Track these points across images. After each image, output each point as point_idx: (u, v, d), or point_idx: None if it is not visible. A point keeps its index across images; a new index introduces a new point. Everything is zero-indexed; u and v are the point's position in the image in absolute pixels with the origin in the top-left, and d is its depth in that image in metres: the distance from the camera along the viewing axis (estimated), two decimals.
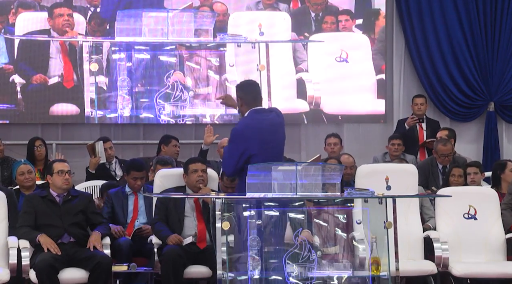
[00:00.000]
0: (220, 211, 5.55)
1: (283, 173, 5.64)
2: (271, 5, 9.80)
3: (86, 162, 8.24)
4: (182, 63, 9.28)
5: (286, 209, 5.91)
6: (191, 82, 9.36)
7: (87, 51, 9.00)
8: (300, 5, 9.88)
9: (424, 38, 10.06)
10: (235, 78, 9.19)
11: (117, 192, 7.08)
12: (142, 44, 8.95)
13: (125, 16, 8.24)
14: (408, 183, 6.77)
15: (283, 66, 9.65)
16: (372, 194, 5.66)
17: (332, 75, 9.84)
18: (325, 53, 9.84)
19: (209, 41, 8.79)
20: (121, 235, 6.71)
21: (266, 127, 6.07)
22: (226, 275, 5.47)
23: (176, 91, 9.01)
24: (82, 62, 9.26)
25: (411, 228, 6.73)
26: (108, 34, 9.13)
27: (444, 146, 8.19)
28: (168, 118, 9.06)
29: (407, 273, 6.41)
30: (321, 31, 9.88)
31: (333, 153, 8.54)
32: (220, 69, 9.43)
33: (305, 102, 9.79)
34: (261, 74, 8.94)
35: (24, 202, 6.46)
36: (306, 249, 5.80)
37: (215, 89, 9.41)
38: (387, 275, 5.65)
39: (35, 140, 8.52)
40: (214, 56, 9.34)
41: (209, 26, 8.43)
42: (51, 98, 9.40)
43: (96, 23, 9.43)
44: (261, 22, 9.21)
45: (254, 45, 8.85)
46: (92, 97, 9.02)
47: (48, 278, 6.00)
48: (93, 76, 8.87)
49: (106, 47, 9.12)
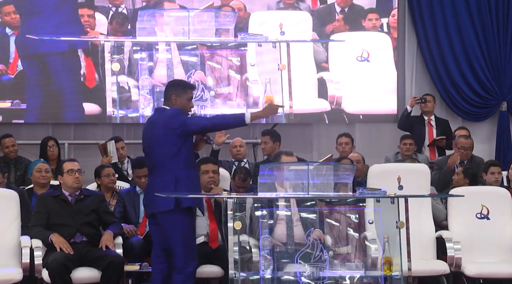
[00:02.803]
0: (232, 211, 5.55)
1: (295, 173, 5.64)
2: (291, 4, 9.82)
3: (98, 161, 8.25)
4: (203, 63, 9.29)
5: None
6: (212, 82, 9.37)
7: (108, 51, 9.03)
8: (320, 4, 9.89)
9: (436, 38, 10.04)
10: (256, 77, 9.22)
11: (129, 192, 7.10)
12: (163, 44, 8.95)
13: (146, 15, 8.26)
14: (420, 182, 6.75)
15: (304, 66, 9.67)
16: (384, 194, 5.64)
17: (353, 74, 9.85)
18: (346, 52, 9.86)
19: (230, 40, 8.80)
20: (133, 235, 6.73)
21: (146, 126, 5.98)
22: (238, 275, 5.47)
23: (197, 90, 9.03)
24: (104, 62, 9.28)
25: (423, 228, 6.71)
26: (130, 34, 9.16)
27: (466, 140, 8.20)
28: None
29: (420, 273, 6.39)
30: (343, 30, 9.91)
31: (345, 153, 8.54)
32: (241, 69, 9.44)
33: (326, 101, 9.81)
34: (282, 73, 8.96)
35: (37, 202, 6.49)
36: (318, 248, 5.79)
37: (236, 88, 9.41)
38: (400, 275, 5.64)
39: (48, 140, 8.57)
40: (235, 56, 9.35)
41: (230, 25, 8.44)
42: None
43: (117, 23, 9.47)
44: (282, 22, 9.22)
45: (275, 44, 8.85)
46: (114, 96, 9.05)
47: (60, 277, 6.02)
48: (115, 75, 8.90)
49: (127, 46, 9.14)
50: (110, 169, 7.38)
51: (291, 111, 9.13)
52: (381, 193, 5.66)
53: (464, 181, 7.34)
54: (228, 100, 9.38)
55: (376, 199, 5.89)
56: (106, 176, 7.26)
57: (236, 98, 9.31)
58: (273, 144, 8.47)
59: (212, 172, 6.55)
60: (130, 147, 9.10)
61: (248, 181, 7.22)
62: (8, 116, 9.42)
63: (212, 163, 6.64)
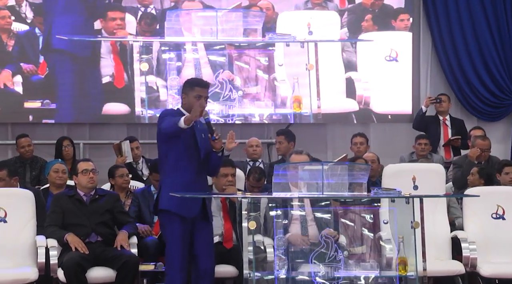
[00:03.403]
0: (246, 211, 5.54)
1: (309, 173, 5.63)
2: (319, 4, 9.83)
3: (113, 161, 8.27)
4: (231, 63, 9.29)
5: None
6: (240, 82, 9.37)
7: (137, 51, 9.06)
8: (348, 4, 9.89)
9: (451, 37, 10.01)
10: (284, 77, 9.21)
11: (144, 192, 7.12)
12: (191, 44, 8.96)
13: (174, 15, 8.28)
14: (435, 182, 6.74)
15: (332, 66, 9.67)
16: (399, 194, 5.63)
17: (381, 74, 9.85)
18: (375, 52, 9.85)
19: (258, 40, 8.78)
20: (148, 235, 6.74)
21: None
22: (252, 275, 5.47)
23: (225, 90, 9.03)
24: (133, 62, 9.33)
25: (439, 228, 6.69)
26: (158, 34, 9.18)
27: (483, 141, 8.17)
28: (217, 117, 9.07)
29: (435, 273, 6.37)
30: (372, 30, 9.91)
31: (359, 153, 8.53)
32: (269, 69, 9.43)
33: (355, 101, 9.80)
34: (310, 73, 8.94)
35: (52, 202, 6.51)
36: (333, 248, 5.79)
37: (264, 88, 9.41)
38: (415, 275, 5.62)
39: (63, 140, 8.60)
40: (263, 56, 9.35)
41: (258, 25, 8.42)
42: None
43: (146, 23, 9.51)
44: (310, 21, 9.20)
45: (303, 44, 8.83)
46: (142, 96, 9.07)
47: (76, 277, 6.04)
48: (143, 75, 8.92)
49: (156, 47, 9.16)
50: (124, 169, 7.39)
51: (319, 111, 9.12)
52: (396, 193, 5.65)
53: (479, 182, 7.31)
54: (256, 100, 9.37)
55: (391, 199, 5.88)
56: (120, 176, 7.28)
57: (264, 98, 9.32)
58: (288, 144, 8.47)
59: (231, 176, 6.57)
60: (145, 147, 9.13)
61: (263, 181, 7.23)
62: (38, 116, 9.45)
63: (231, 166, 6.64)
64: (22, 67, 9.38)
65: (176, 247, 5.58)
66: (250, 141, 8.57)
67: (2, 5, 9.35)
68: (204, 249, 5.66)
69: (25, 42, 9.42)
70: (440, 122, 9.38)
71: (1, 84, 9.33)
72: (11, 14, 9.38)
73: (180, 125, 5.43)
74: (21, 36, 9.41)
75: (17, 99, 9.36)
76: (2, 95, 9.34)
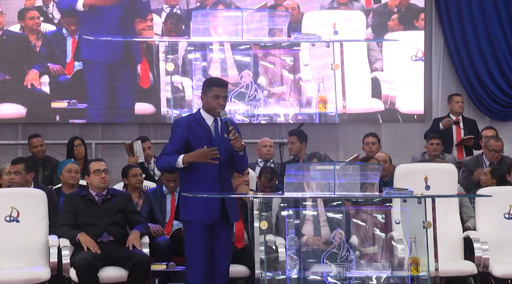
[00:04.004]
0: (258, 211, 5.54)
1: (321, 173, 5.63)
2: (345, 3, 9.83)
3: (125, 161, 8.29)
4: (257, 63, 9.32)
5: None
6: (265, 81, 9.38)
7: (163, 51, 9.11)
8: (374, 4, 9.89)
9: (463, 36, 9.99)
10: (309, 77, 9.23)
11: (155, 192, 7.12)
12: (217, 44, 8.98)
13: (200, 15, 8.30)
14: (447, 182, 6.71)
15: (358, 65, 9.69)
16: (411, 194, 5.62)
17: (407, 74, 9.85)
18: (401, 52, 9.86)
19: (283, 40, 8.82)
20: (160, 234, 6.75)
21: None
22: (264, 275, 5.46)
23: (250, 90, 9.05)
24: (158, 62, 9.37)
25: (451, 228, 6.67)
26: (184, 34, 9.22)
27: (496, 142, 8.14)
28: (243, 117, 9.09)
29: (447, 274, 6.36)
30: (397, 30, 9.91)
31: (371, 153, 8.52)
32: (294, 69, 9.45)
33: (380, 101, 9.81)
34: (336, 73, 8.96)
35: (64, 201, 6.53)
36: (345, 248, 5.78)
37: (289, 88, 9.43)
38: (427, 275, 5.61)
39: (75, 139, 8.62)
40: (288, 55, 9.36)
41: (283, 25, 8.45)
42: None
43: (172, 23, 9.54)
44: (335, 21, 9.21)
45: (328, 44, 8.86)
46: (168, 96, 9.12)
47: (88, 276, 6.06)
48: (169, 75, 8.97)
49: (181, 47, 9.20)
50: (137, 169, 7.41)
51: (344, 111, 9.14)
52: (408, 193, 5.63)
53: (491, 182, 7.29)
54: (281, 100, 9.39)
55: (403, 199, 5.86)
56: (134, 176, 7.30)
57: (289, 98, 9.34)
58: (300, 144, 8.47)
59: (247, 175, 6.59)
60: (157, 147, 9.11)
61: (274, 181, 7.22)
62: (64, 116, 9.51)
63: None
64: (49, 67, 9.46)
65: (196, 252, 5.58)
66: (263, 141, 8.58)
67: (30, 6, 9.41)
68: (221, 250, 5.64)
69: (53, 42, 9.50)
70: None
71: (28, 84, 9.42)
72: (39, 15, 9.44)
73: (178, 165, 5.47)
74: (49, 36, 9.49)
75: (44, 99, 9.42)
76: (29, 95, 9.43)
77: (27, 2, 9.44)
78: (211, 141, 5.55)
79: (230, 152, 5.58)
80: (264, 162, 8.41)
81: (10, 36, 9.41)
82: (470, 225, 6.90)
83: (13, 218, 6.44)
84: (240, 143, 5.52)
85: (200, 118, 5.62)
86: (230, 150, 5.57)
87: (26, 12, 9.44)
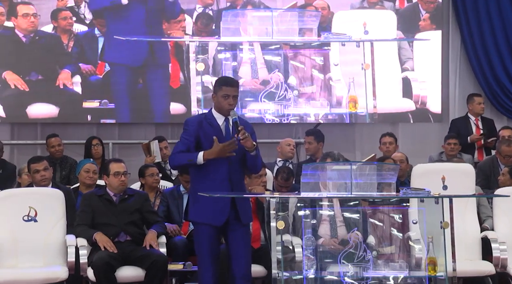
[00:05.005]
0: (274, 211, 5.54)
1: (338, 173, 5.62)
2: (376, 3, 9.82)
3: (141, 161, 8.31)
4: (287, 62, 9.28)
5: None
6: (295, 81, 9.37)
7: (193, 51, 9.08)
8: (407, 3, 9.87)
9: (480, 35, 9.94)
10: (340, 77, 9.18)
11: (172, 191, 7.13)
12: (247, 44, 8.98)
13: (230, 15, 8.32)
14: (465, 182, 6.69)
15: (388, 65, 9.66)
16: (428, 194, 5.60)
17: (438, 73, 9.83)
18: (431, 51, 9.82)
19: (314, 40, 8.76)
20: (177, 234, 6.76)
21: None
22: (281, 275, 5.46)
23: (280, 90, 9.05)
24: (189, 62, 9.38)
25: (468, 228, 6.65)
26: (214, 34, 9.23)
27: (508, 147, 8.06)
28: (273, 117, 9.09)
29: (465, 274, 6.33)
30: (429, 29, 9.89)
31: (388, 153, 8.50)
32: (324, 68, 9.41)
33: (411, 101, 9.79)
34: (366, 73, 8.92)
35: (82, 201, 6.55)
36: (362, 248, 5.77)
37: (319, 88, 9.40)
38: (444, 275, 5.59)
39: (92, 139, 8.66)
40: (318, 55, 9.32)
41: (314, 25, 8.41)
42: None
43: (202, 23, 9.57)
44: (366, 21, 9.18)
45: (358, 44, 8.80)
46: (199, 96, 9.11)
47: (105, 276, 6.08)
48: (199, 75, 8.96)
49: (212, 46, 9.17)
50: (154, 169, 7.43)
51: (375, 110, 9.09)
52: (425, 193, 5.62)
53: (510, 182, 7.25)
54: (312, 99, 9.34)
55: (420, 199, 5.85)
56: (151, 176, 7.31)
57: (319, 98, 9.31)
58: (317, 144, 8.47)
59: (264, 176, 6.60)
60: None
61: (291, 180, 7.22)
62: (96, 116, 9.57)
63: (263, 167, 6.66)
64: (81, 68, 9.50)
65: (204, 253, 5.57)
66: (287, 140, 8.60)
67: (62, 6, 9.48)
68: (237, 251, 5.59)
69: (84, 42, 9.54)
70: (471, 122, 9.32)
71: (60, 84, 9.46)
72: (72, 15, 9.50)
73: (198, 162, 5.46)
74: (81, 37, 9.54)
75: (76, 98, 9.48)
76: (61, 95, 9.47)
77: (60, 3, 9.50)
78: (222, 141, 5.51)
79: (241, 152, 5.53)
80: (283, 162, 8.41)
81: (42, 36, 9.47)
82: (488, 225, 6.87)
83: (31, 217, 6.47)
84: (251, 142, 5.47)
85: (211, 117, 5.62)
86: (241, 150, 5.52)
87: (59, 12, 9.50)
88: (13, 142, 9.53)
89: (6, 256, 6.34)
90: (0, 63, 9.40)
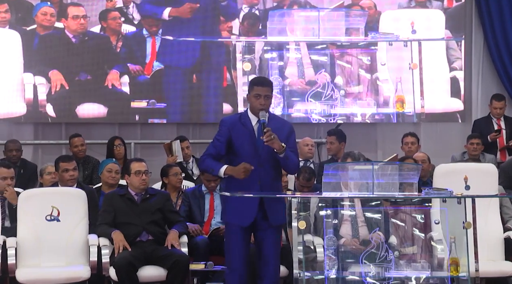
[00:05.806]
0: (296, 210, 5.53)
1: (359, 173, 5.60)
2: (423, 3, 9.77)
3: (163, 161, 8.33)
4: (333, 62, 9.27)
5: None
6: (342, 81, 9.35)
7: (240, 51, 9.12)
8: (455, 2, 9.83)
9: (503, 34, 9.88)
10: (387, 76, 9.17)
11: (194, 191, 7.15)
12: (293, 43, 8.98)
13: (277, 15, 8.32)
14: (487, 182, 6.64)
15: (436, 65, 9.60)
16: (450, 194, 5.57)
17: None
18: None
19: (361, 40, 8.75)
20: (198, 234, 6.78)
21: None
22: (302, 274, 5.46)
23: (327, 90, 9.03)
24: (236, 62, 9.40)
25: (491, 228, 6.61)
26: (261, 34, 9.23)
27: None
28: (319, 117, 9.09)
29: (487, 274, 6.28)
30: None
31: (411, 153, 8.46)
32: (371, 68, 9.39)
33: (459, 101, 9.75)
34: (414, 72, 8.89)
35: (104, 201, 6.59)
36: (383, 249, 5.75)
37: (366, 88, 9.37)
38: (467, 276, 5.56)
39: (115, 139, 8.69)
40: (365, 55, 9.30)
41: (360, 24, 8.40)
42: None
43: (249, 23, 9.59)
44: (414, 20, 9.15)
45: (406, 43, 8.77)
46: (245, 96, 9.16)
47: (127, 275, 6.10)
48: (246, 75, 8.97)
49: (258, 46, 9.19)
50: (177, 168, 7.45)
51: (422, 110, 9.07)
52: (448, 193, 5.59)
53: None
54: (358, 99, 9.33)
55: (442, 199, 5.82)
56: (174, 175, 7.34)
57: (366, 98, 9.28)
58: (339, 144, 8.45)
59: (285, 176, 6.58)
60: (196, 147, 9.17)
61: (313, 180, 7.21)
62: (144, 116, 9.61)
63: None
64: (129, 68, 9.55)
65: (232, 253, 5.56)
66: (305, 140, 8.58)
67: (111, 7, 9.54)
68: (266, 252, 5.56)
69: (132, 43, 9.57)
70: (493, 122, 9.26)
71: (109, 84, 9.52)
72: (120, 16, 9.56)
73: (219, 175, 5.51)
74: (129, 37, 9.57)
75: (124, 98, 9.53)
76: (110, 95, 9.52)
77: (108, 4, 9.55)
78: (254, 142, 5.51)
79: (273, 153, 5.50)
80: (304, 162, 8.40)
81: (91, 37, 9.52)
82: (511, 226, 6.83)
83: (54, 217, 6.51)
84: (278, 144, 5.42)
85: (246, 118, 5.60)
86: (272, 151, 5.48)
87: (108, 13, 9.54)
88: (36, 142, 9.59)
89: (29, 256, 6.38)
90: (49, 63, 9.45)
